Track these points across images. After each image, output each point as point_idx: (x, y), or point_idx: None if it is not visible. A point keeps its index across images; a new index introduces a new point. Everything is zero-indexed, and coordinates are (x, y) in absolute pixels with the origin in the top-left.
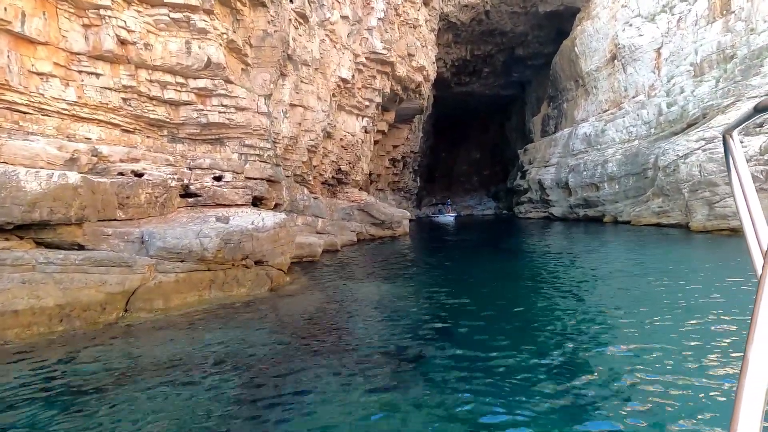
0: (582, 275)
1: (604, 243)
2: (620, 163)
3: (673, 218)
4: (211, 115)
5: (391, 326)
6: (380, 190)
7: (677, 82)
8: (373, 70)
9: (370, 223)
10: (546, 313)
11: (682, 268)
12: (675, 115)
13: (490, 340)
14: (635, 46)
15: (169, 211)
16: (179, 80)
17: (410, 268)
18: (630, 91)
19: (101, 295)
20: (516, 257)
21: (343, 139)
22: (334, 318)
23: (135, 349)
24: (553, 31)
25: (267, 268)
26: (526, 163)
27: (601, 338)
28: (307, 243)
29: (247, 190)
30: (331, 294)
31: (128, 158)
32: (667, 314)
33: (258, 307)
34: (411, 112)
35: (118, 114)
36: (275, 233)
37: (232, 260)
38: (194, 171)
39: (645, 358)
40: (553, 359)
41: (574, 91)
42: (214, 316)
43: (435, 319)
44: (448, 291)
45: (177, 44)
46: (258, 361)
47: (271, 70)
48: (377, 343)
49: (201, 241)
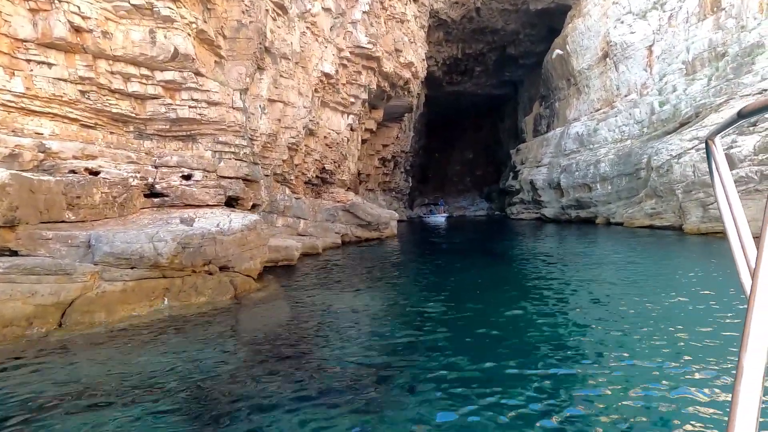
0: (575, 283)
1: (597, 247)
2: (613, 164)
3: (666, 220)
4: (180, 110)
5: (363, 341)
6: (370, 190)
7: (669, 80)
8: (358, 65)
9: (355, 224)
10: (534, 324)
11: (678, 273)
12: (668, 114)
13: (475, 356)
14: (627, 43)
15: (130, 212)
16: (144, 72)
17: (393, 273)
18: (622, 90)
19: (29, 307)
20: (505, 263)
21: (327, 137)
22: (301, 331)
23: (59, 370)
24: (545, 29)
25: (233, 274)
26: (518, 163)
27: (592, 351)
28: (283, 246)
29: (220, 189)
30: (302, 303)
31: (83, 155)
32: (663, 324)
33: (216, 318)
34: (400, 110)
35: (75, 108)
36: (242, 236)
37: (191, 266)
38: (160, 169)
39: (635, 372)
40: (539, 377)
41: (566, 90)
42: (162, 329)
43: (416, 332)
44: (431, 300)
45: (140, 33)
46: (203, 385)
47: (246, 63)
48: (347, 360)
49: (155, 246)
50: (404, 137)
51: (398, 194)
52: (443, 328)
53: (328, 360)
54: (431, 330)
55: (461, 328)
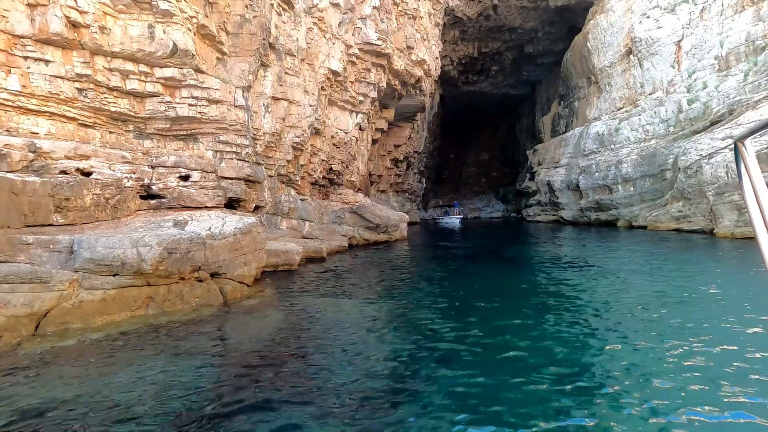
0: (598, 295)
1: (621, 251)
2: (636, 164)
3: (695, 223)
4: (180, 108)
5: (352, 357)
6: (382, 192)
7: (700, 77)
8: (367, 62)
9: (363, 227)
10: (550, 345)
11: (721, 285)
12: (697, 112)
13: (488, 385)
14: (653, 39)
15: (124, 214)
16: (143, 69)
17: (396, 281)
18: (647, 88)
19: (0, 319)
20: (519, 268)
21: (335, 137)
22: (288, 343)
23: (21, 390)
24: (565, 27)
25: (225, 281)
26: (535, 164)
27: (628, 384)
28: (283, 250)
29: (219, 191)
30: (295, 312)
31: (75, 155)
32: (710, 346)
33: (199, 329)
34: (412, 109)
35: (72, 106)
36: (236, 240)
37: (178, 273)
38: (157, 170)
39: (669, 402)
40: (561, 405)
41: (586, 89)
42: (140, 341)
43: (418, 350)
44: (437, 313)
45: (138, 28)
46: (177, 408)
47: (250, 59)
48: (339, 379)
49: (139, 251)
50: (417, 137)
51: (411, 196)
52: (448, 345)
53: (317, 380)
54: (440, 351)
55: (476, 351)
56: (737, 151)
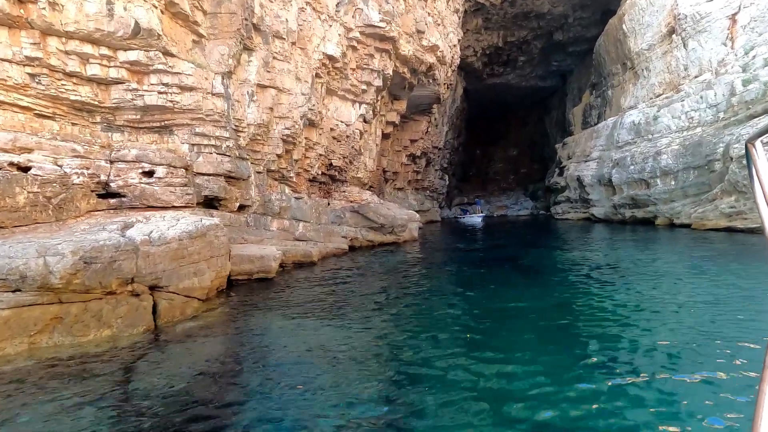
0: (639, 321)
1: (664, 256)
2: (677, 155)
3: (751, 221)
4: (148, 96)
5: (311, 422)
6: (399, 189)
7: (759, 53)
8: (370, 47)
9: (366, 227)
10: (576, 392)
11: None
12: (755, 94)
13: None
14: (701, 14)
15: (72, 215)
16: (104, 52)
17: (390, 294)
18: (691, 70)
19: None
20: (541, 280)
21: (335, 129)
22: (221, 394)
23: None
24: (598, 11)
25: (168, 295)
26: (564, 158)
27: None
28: (258, 256)
29: (189, 188)
30: (242, 341)
31: (14, 147)
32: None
33: (106, 365)
34: (426, 100)
35: (25, 94)
36: (181, 246)
37: (101, 287)
38: (116, 165)
39: None
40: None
41: (621, 76)
42: (25, 382)
43: (398, 396)
44: (425, 342)
45: (95, 5)
46: None
47: (230, 42)
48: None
49: (46, 261)
50: (435, 132)
51: (433, 193)
52: (434, 395)
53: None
54: (412, 398)
55: (478, 396)
56: (748, 152)
